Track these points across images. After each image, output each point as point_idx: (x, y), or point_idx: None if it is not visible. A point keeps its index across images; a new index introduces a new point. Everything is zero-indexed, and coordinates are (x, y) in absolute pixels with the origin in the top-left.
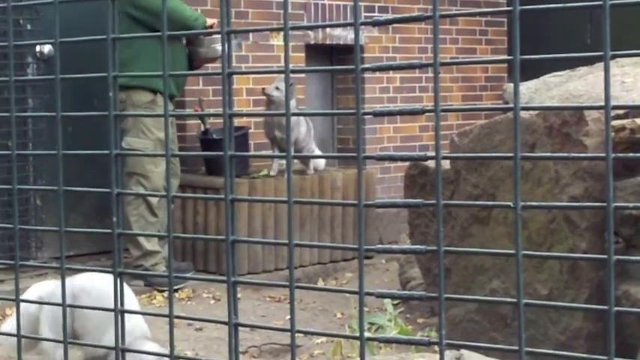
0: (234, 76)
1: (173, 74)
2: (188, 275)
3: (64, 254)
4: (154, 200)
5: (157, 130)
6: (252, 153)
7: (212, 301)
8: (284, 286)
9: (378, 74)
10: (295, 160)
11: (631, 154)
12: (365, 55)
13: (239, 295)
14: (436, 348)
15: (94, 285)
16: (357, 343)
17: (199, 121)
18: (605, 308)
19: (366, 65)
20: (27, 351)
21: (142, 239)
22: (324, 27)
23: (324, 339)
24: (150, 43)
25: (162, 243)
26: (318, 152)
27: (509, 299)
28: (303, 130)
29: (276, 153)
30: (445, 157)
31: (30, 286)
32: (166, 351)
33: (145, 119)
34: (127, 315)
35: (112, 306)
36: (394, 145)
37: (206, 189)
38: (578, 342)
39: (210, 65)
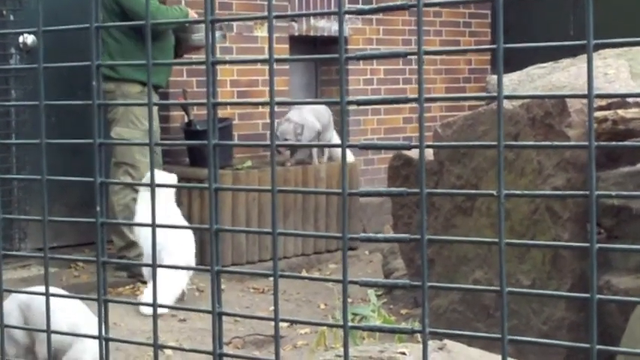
0: (218, 68)
1: (157, 63)
2: (172, 265)
3: (48, 245)
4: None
5: (147, 121)
6: (235, 142)
7: (196, 293)
8: (268, 275)
9: (362, 66)
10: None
11: (613, 143)
12: (349, 46)
13: (223, 287)
14: (419, 338)
15: (39, 298)
16: (341, 333)
17: (183, 113)
18: (587, 296)
19: (350, 54)
20: None
21: (126, 230)
22: (307, 16)
23: (307, 330)
24: (133, 36)
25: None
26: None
27: (492, 288)
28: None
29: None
30: (429, 146)
31: (13, 277)
32: None
33: (134, 110)
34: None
35: (58, 318)
36: (378, 136)
37: (190, 180)
38: (560, 332)
39: (193, 55)
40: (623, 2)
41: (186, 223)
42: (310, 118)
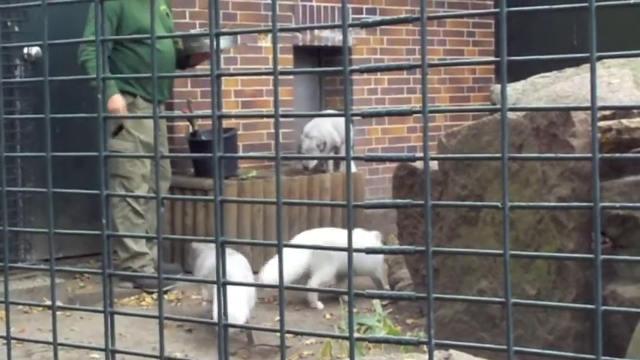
0: (223, 78)
1: (162, 76)
2: (178, 276)
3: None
4: (136, 201)
5: (137, 132)
6: (241, 154)
7: (203, 303)
8: (274, 287)
9: (365, 76)
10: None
11: (617, 155)
12: (353, 56)
13: None
14: (425, 348)
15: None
16: (346, 343)
17: (188, 123)
18: (592, 307)
19: (355, 67)
20: None
21: (129, 241)
22: (312, 29)
23: (313, 340)
24: (120, 50)
25: (150, 245)
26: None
27: (497, 299)
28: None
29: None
30: (433, 158)
31: (18, 288)
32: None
33: (124, 121)
34: None
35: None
36: (382, 146)
37: (194, 190)
38: (565, 342)
39: (198, 67)
40: (625, 11)
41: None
42: (329, 129)
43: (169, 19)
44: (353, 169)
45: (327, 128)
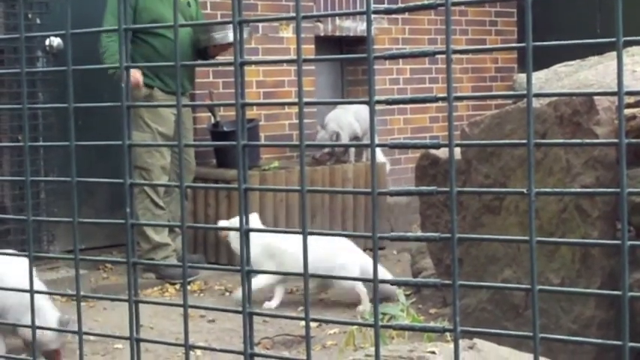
0: (245, 68)
1: (185, 64)
2: (202, 265)
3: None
4: (156, 193)
5: (154, 123)
6: (264, 143)
7: (227, 294)
8: (298, 275)
9: (388, 65)
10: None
11: None
12: (374, 46)
13: None
14: (449, 337)
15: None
16: (370, 333)
17: (210, 114)
18: (619, 294)
19: (378, 54)
20: None
21: (151, 232)
22: (335, 16)
23: (336, 330)
24: (133, 41)
25: (173, 236)
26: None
27: (523, 286)
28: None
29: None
30: (458, 145)
31: (42, 279)
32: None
33: (142, 113)
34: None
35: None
36: (404, 136)
37: (217, 181)
38: (590, 330)
39: (221, 56)
40: None
41: None
42: (350, 120)
43: (191, 9)
44: (380, 158)
45: (347, 119)
